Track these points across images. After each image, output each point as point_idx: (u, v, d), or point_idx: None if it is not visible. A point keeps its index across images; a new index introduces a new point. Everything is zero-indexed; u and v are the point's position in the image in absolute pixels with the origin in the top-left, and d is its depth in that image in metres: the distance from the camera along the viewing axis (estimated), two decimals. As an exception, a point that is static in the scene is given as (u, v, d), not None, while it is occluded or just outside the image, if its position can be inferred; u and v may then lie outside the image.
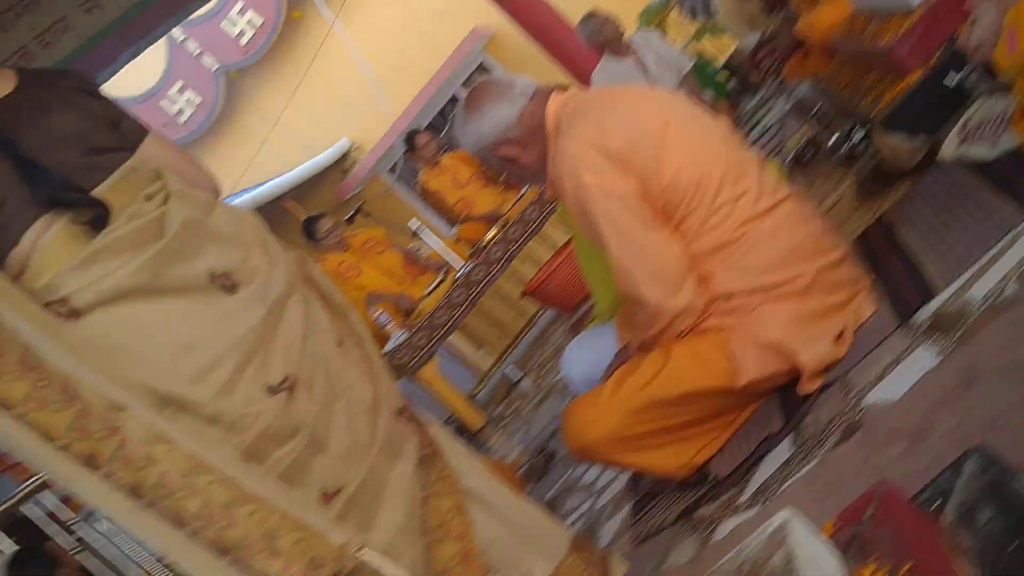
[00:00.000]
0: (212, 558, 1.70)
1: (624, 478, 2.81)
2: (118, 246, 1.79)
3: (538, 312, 7.01)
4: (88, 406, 1.67)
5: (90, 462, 1.67)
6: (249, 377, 1.80)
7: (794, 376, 2.09)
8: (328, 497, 1.81)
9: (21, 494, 3.84)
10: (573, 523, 2.94)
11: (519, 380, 6.28)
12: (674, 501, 2.28)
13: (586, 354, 2.71)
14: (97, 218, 1.82)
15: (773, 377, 2.11)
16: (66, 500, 3.65)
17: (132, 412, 1.67)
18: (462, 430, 5.11)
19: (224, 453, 1.72)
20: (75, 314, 1.75)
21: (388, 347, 5.09)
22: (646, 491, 2.50)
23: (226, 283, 1.86)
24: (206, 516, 1.68)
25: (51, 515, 4.05)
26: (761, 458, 2.08)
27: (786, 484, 1.89)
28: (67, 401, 1.67)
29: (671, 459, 2.22)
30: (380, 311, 5.33)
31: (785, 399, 2.14)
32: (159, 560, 2.96)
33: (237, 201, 8.74)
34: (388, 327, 5.19)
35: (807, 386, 2.06)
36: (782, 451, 2.03)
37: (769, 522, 1.02)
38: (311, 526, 1.71)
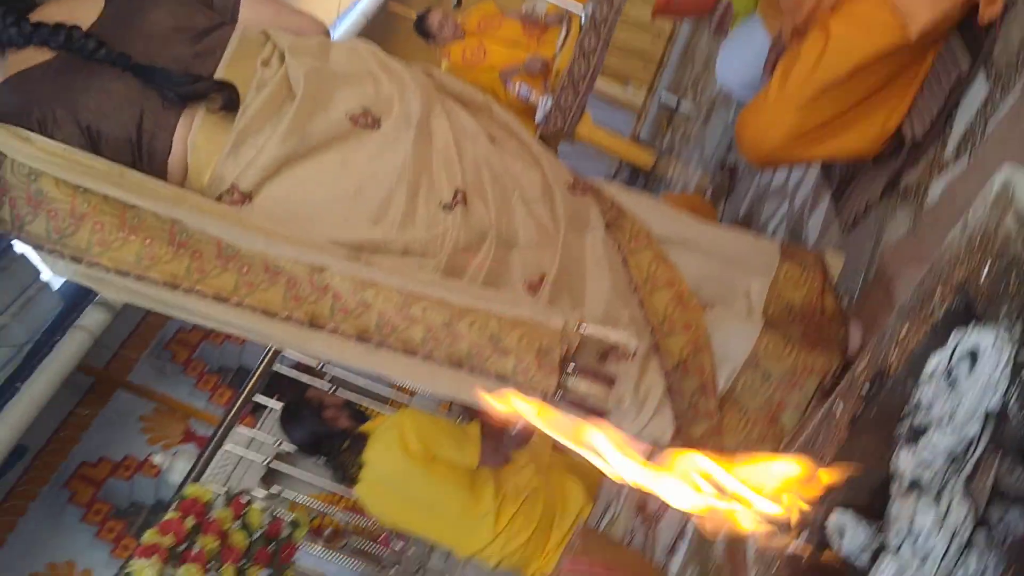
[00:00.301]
0: (451, 372, 1.81)
1: (815, 171, 2.70)
2: (257, 120, 1.81)
3: (675, 28, 6.66)
4: (292, 276, 1.77)
5: (314, 323, 1.79)
6: (422, 202, 1.83)
7: (970, 7, 1.88)
8: (534, 287, 1.86)
9: (265, 360, 4.20)
10: (775, 231, 2.89)
11: (677, 104, 6.08)
12: (874, 178, 2.18)
13: (739, 56, 2.56)
14: (228, 101, 1.84)
15: (947, 15, 1.91)
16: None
17: (333, 269, 1.75)
18: (636, 173, 5.06)
19: (427, 279, 1.79)
20: (247, 198, 1.81)
21: (539, 118, 5.02)
22: (841, 177, 2.40)
23: (367, 121, 1.86)
24: (432, 339, 1.77)
25: (299, 365, 4.43)
26: (956, 105, 1.93)
27: (991, 125, 1.75)
28: (272, 278, 1.77)
29: (859, 138, 2.11)
30: (519, 85, 5.23)
31: (966, 36, 1.95)
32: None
33: (350, 14, 8.59)
34: (531, 98, 5.10)
35: (988, 11, 1.85)
36: (977, 90, 1.87)
37: (989, 186, 0.95)
38: (529, 319, 1.77)
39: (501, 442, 3.37)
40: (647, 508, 2.91)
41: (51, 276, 5.71)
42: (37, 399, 5.28)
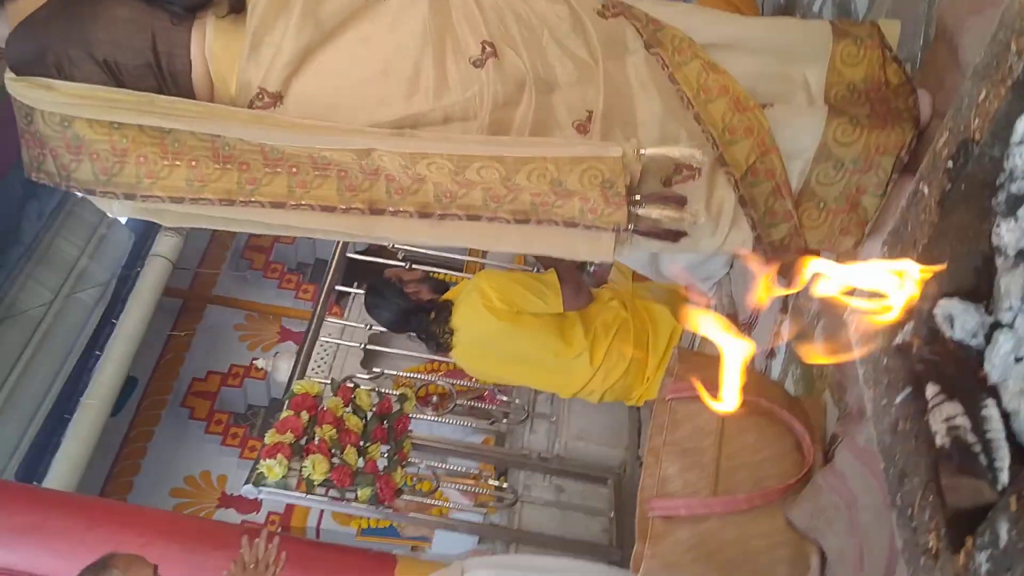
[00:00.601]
0: (518, 228, 1.79)
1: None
2: (268, 17, 1.75)
3: None
4: (342, 167, 1.74)
5: (374, 209, 1.78)
6: (452, 63, 1.77)
7: None
8: (583, 127, 1.80)
9: (337, 251, 4.24)
10: (821, 11, 2.73)
11: None
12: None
13: None
14: (234, 2, 1.78)
15: None
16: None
17: (380, 149, 1.72)
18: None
19: (475, 139, 1.75)
20: (277, 99, 1.77)
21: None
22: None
23: (379, -11, 1.79)
24: (493, 198, 1.75)
25: (371, 249, 4.46)
26: None
27: None
28: (323, 173, 1.75)
29: None
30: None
31: None
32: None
33: None
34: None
35: None
36: None
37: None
38: (586, 155, 1.72)
39: (581, 283, 3.37)
40: (737, 318, 2.91)
41: (116, 212, 5.81)
42: (134, 330, 5.48)
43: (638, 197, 1.76)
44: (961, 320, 0.82)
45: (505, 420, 4.41)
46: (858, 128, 1.80)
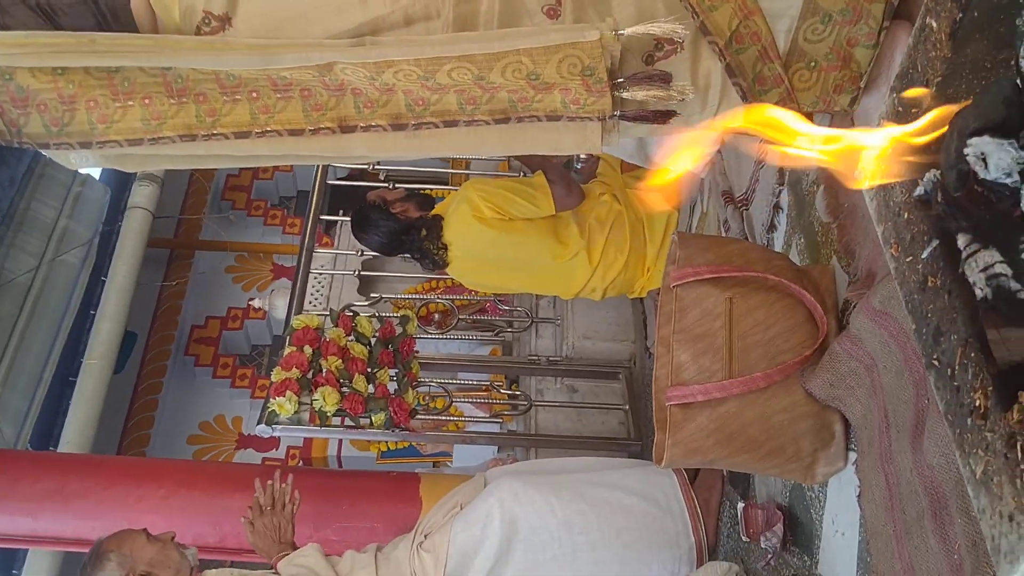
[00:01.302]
0: (499, 129, 1.70)
1: None
2: None
3: None
4: (304, 85, 1.65)
5: (345, 126, 1.69)
6: None
7: None
8: (553, 11, 1.69)
9: (317, 179, 4.14)
10: None
11: None
12: None
13: None
14: (167, -75, 1.66)
15: None
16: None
17: (342, 63, 1.62)
18: None
19: (441, 39, 1.64)
20: (226, 20, 1.66)
21: None
22: None
23: None
24: (469, 101, 1.66)
25: (351, 174, 4.35)
26: None
27: None
28: (285, 95, 1.66)
29: None
30: None
31: None
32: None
33: None
34: None
35: None
36: None
37: None
38: (561, 43, 1.62)
39: (570, 181, 3.29)
40: (733, 194, 2.83)
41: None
42: (124, 285, 5.40)
43: (621, 80, 1.66)
44: (996, 158, 0.74)
45: (510, 329, 4.38)
46: None
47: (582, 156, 3.72)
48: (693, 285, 2.07)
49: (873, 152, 0.87)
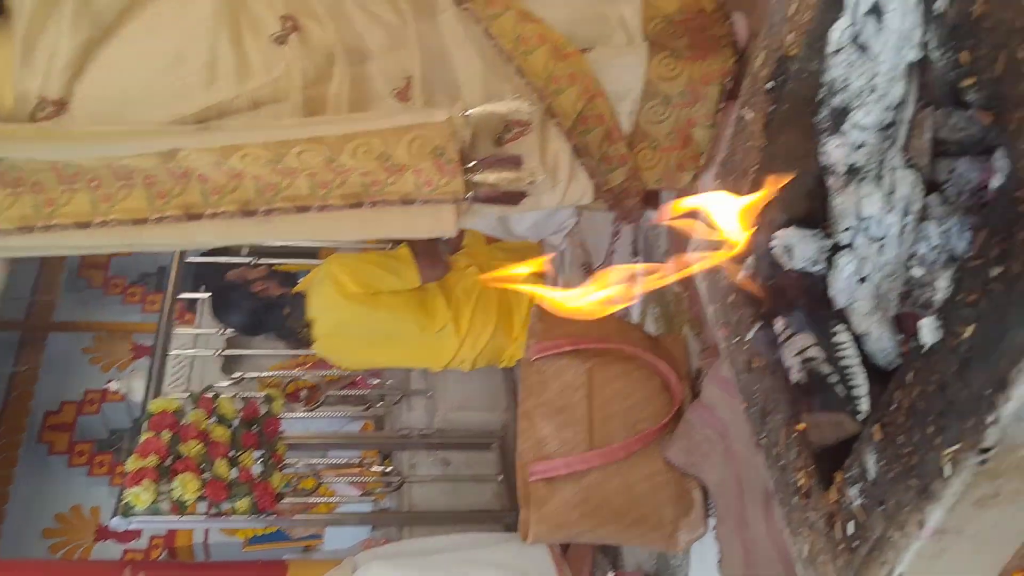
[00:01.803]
0: (353, 213, 1.69)
1: None
2: (37, 19, 1.58)
3: None
4: (147, 172, 1.59)
5: (191, 214, 1.64)
6: (251, 43, 1.64)
7: None
8: (403, 94, 1.71)
9: (175, 257, 4.02)
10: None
11: None
12: None
13: None
14: (-6, 7, 1.60)
15: None
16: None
17: (186, 147, 1.58)
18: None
19: (289, 123, 1.63)
20: (61, 106, 1.61)
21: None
22: None
23: (157, -27, 1.63)
24: (320, 185, 1.64)
25: (212, 249, 4.24)
26: None
27: None
28: (127, 183, 1.60)
29: None
30: None
31: None
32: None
33: None
34: None
35: None
36: None
37: None
38: (410, 123, 1.63)
39: (435, 253, 3.29)
40: (592, 265, 2.89)
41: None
42: (-30, 373, 5.08)
43: (473, 163, 1.68)
44: (800, 249, 0.78)
45: (381, 403, 4.31)
46: (680, 61, 1.77)
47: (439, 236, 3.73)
48: (553, 358, 2.09)
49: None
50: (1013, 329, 0.60)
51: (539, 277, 3.34)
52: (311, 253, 4.90)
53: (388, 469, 3.98)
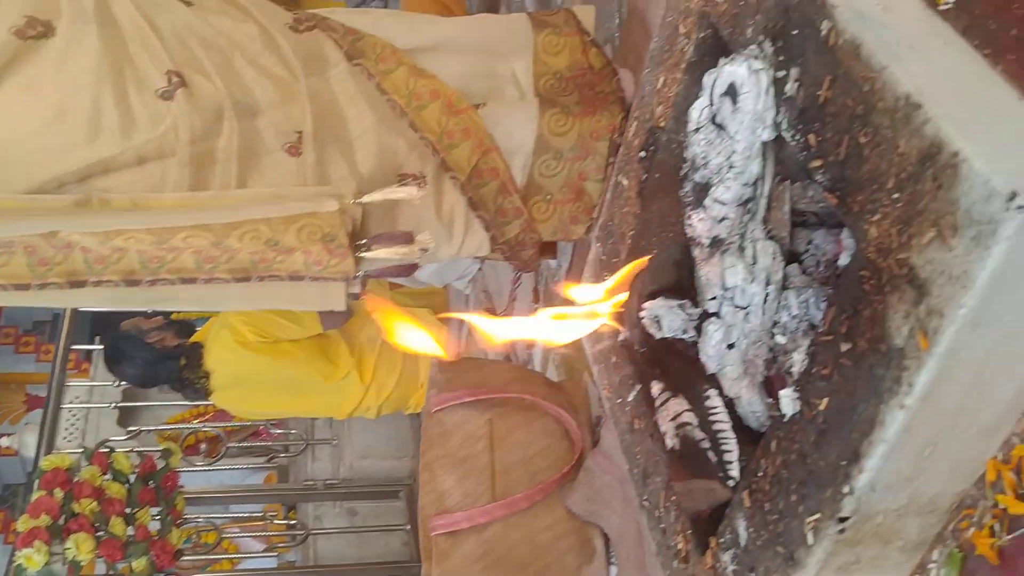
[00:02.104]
0: (240, 286, 1.66)
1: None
2: None
3: None
4: (28, 244, 1.55)
5: (74, 282, 1.59)
6: (136, 98, 1.61)
7: None
8: (294, 149, 1.69)
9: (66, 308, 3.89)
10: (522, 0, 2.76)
11: None
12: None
13: None
14: None
15: None
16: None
17: (64, 230, 1.54)
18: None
19: (173, 204, 1.59)
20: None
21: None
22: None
23: (37, 29, 1.58)
24: (207, 260, 1.61)
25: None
26: None
27: None
28: (7, 249, 1.54)
29: None
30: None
31: None
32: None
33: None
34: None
35: None
36: None
37: None
38: (301, 212, 1.62)
39: (337, 300, 3.25)
40: (496, 310, 2.90)
41: None
42: None
43: (364, 241, 1.68)
44: (667, 320, 0.80)
45: (285, 453, 4.22)
46: (570, 117, 1.81)
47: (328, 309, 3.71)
48: (454, 409, 2.08)
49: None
50: (862, 403, 0.63)
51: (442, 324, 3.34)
52: (213, 299, 4.78)
53: (292, 521, 3.90)
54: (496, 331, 0.83)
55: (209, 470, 4.03)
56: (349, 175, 1.70)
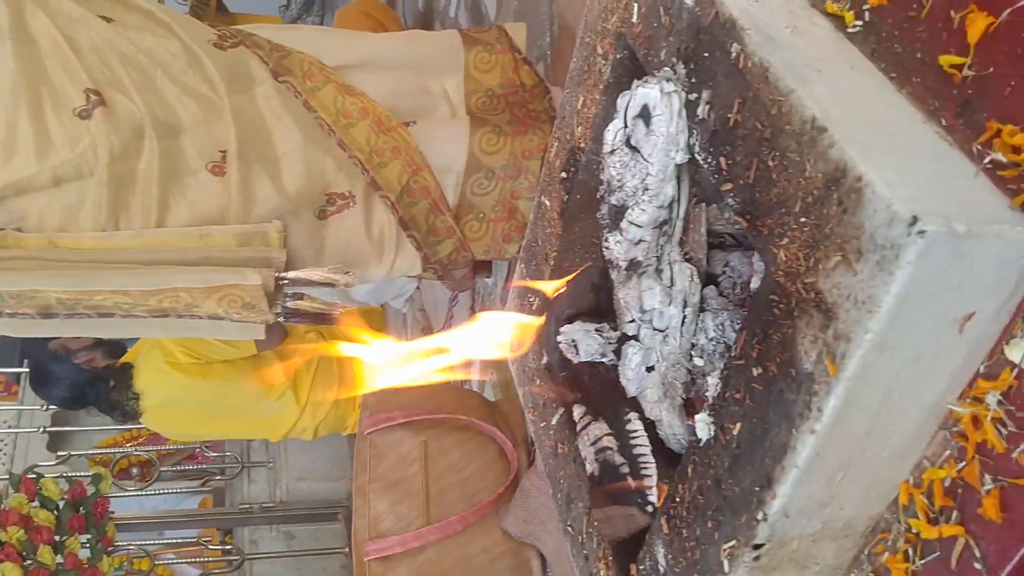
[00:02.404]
0: (160, 321, 1.63)
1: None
2: None
3: None
4: None
5: None
6: (52, 117, 1.56)
7: None
8: (218, 169, 1.66)
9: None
10: (456, 14, 2.75)
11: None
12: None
13: None
14: None
15: None
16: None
17: None
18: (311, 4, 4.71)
19: (90, 269, 1.56)
20: None
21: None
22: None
23: (-53, 50, 1.54)
24: (124, 304, 1.58)
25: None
26: None
27: None
28: None
29: None
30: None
31: None
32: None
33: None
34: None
35: None
36: None
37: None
38: (223, 283, 1.59)
39: (272, 320, 3.20)
40: (432, 329, 2.88)
41: None
42: None
43: (285, 282, 1.66)
44: (584, 344, 0.79)
45: (220, 476, 4.13)
46: (502, 136, 1.80)
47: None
48: (387, 431, 2.06)
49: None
50: (774, 428, 0.62)
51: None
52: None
53: (228, 547, 3.81)
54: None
55: (141, 495, 3.92)
56: (275, 194, 1.67)
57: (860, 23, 0.71)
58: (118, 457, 4.09)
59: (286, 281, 1.63)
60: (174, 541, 3.86)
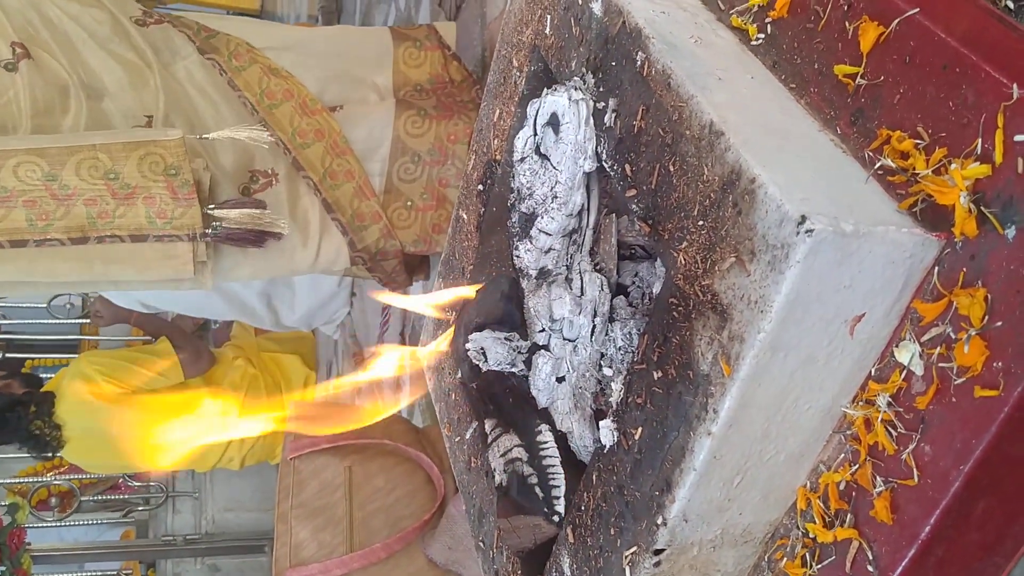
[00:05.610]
0: (76, 250, 1.56)
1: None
2: None
3: None
4: None
5: None
6: None
7: None
8: None
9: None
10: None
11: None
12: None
13: None
14: None
15: None
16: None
17: None
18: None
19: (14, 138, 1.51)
20: None
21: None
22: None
23: None
24: (40, 216, 1.51)
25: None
26: None
27: None
28: None
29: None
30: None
31: None
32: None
33: None
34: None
35: None
36: None
37: None
38: (142, 139, 1.54)
39: (198, 346, 3.15)
40: (362, 356, 2.85)
41: None
42: None
43: (212, 206, 1.62)
44: (493, 352, 0.78)
45: (144, 507, 4.02)
46: (427, 119, 1.81)
47: (215, 322, 3.60)
48: (311, 456, 2.02)
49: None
50: (672, 431, 0.62)
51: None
52: (71, 347, 4.58)
53: (150, 580, 3.70)
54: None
55: (60, 526, 3.80)
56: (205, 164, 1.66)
57: (763, 36, 0.72)
58: (37, 486, 3.95)
59: (212, 207, 1.59)
60: (95, 574, 3.72)
